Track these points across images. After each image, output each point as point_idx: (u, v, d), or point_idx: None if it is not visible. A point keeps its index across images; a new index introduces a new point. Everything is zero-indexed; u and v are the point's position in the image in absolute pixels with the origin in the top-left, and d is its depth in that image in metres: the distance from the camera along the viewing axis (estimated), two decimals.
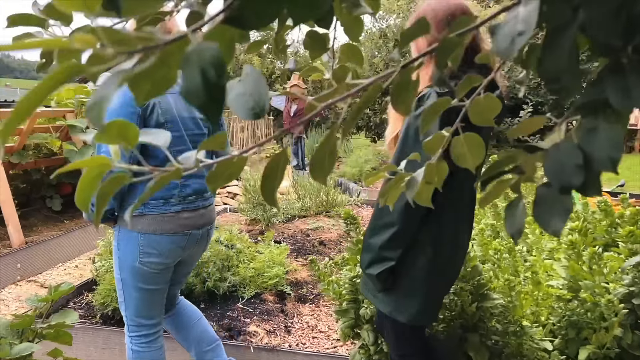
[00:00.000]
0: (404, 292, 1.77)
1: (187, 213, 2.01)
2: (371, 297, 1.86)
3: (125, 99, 1.81)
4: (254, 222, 5.48)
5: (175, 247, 2.01)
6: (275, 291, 3.58)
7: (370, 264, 1.71)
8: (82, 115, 5.47)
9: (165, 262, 2.02)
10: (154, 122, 1.88)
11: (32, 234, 4.73)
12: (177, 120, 1.94)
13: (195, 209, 2.03)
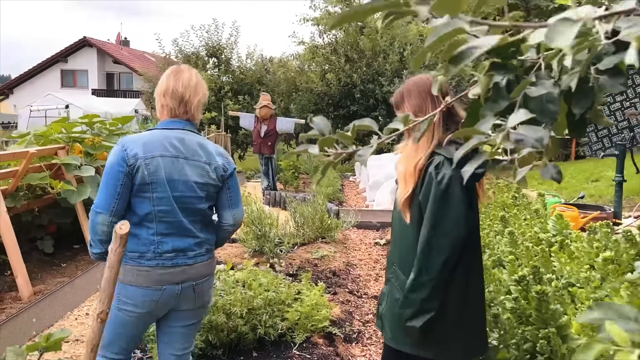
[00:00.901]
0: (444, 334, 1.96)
1: (162, 269, 2.09)
2: (408, 347, 2.01)
3: (116, 159, 2.04)
4: (258, 254, 5.43)
5: (149, 300, 2.09)
6: (323, 333, 3.59)
7: (412, 317, 1.89)
8: (74, 151, 5.21)
9: (140, 312, 2.12)
10: (139, 181, 2.04)
11: (35, 283, 4.43)
12: (163, 182, 2.07)
13: (173, 266, 2.11)
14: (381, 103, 14.52)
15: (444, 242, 1.86)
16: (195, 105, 2.20)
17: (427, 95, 2.00)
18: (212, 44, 17.14)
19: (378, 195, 8.43)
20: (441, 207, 1.84)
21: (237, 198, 2.31)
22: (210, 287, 2.33)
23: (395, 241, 2.14)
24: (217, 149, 2.29)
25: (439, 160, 1.87)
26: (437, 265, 1.86)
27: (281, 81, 16.53)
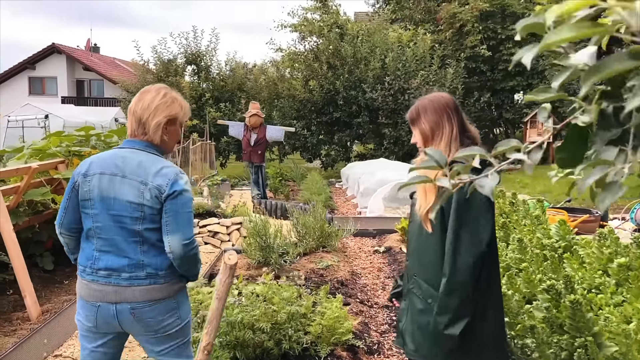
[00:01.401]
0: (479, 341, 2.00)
1: (96, 285, 2.12)
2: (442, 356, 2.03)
3: (75, 171, 2.19)
4: (262, 265, 5.39)
5: (89, 314, 2.16)
6: (345, 346, 3.58)
7: (449, 325, 1.92)
8: (73, 165, 5.10)
9: (87, 324, 2.18)
10: (80, 197, 2.15)
11: (41, 302, 4.29)
12: (99, 199, 2.12)
13: (105, 284, 2.11)
14: (364, 109, 14.62)
15: (470, 246, 1.93)
16: (152, 127, 2.16)
17: (442, 112, 2.08)
18: (191, 51, 16.99)
19: (371, 203, 8.48)
20: (465, 212, 1.92)
21: (173, 224, 2.10)
22: (160, 315, 2.16)
23: (414, 253, 2.18)
24: (162, 169, 2.13)
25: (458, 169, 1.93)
26: (467, 269, 1.92)
27: (263, 88, 16.48)
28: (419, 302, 2.09)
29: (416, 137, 2.16)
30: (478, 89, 16.04)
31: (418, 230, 2.12)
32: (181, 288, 2.22)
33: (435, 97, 2.14)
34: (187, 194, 2.15)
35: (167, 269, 2.15)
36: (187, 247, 2.08)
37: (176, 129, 2.26)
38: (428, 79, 14.18)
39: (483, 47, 14.97)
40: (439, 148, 2.04)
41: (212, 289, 3.87)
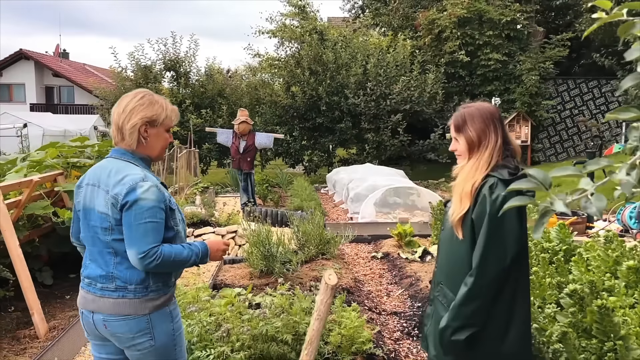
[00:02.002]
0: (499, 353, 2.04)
1: (83, 292, 2.17)
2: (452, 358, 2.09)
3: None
4: (265, 274, 5.36)
5: (81, 319, 2.22)
6: (364, 355, 3.59)
7: (457, 331, 1.97)
8: (71, 177, 5.00)
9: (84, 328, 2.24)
10: (76, 207, 2.21)
11: (47, 319, 4.19)
12: (82, 210, 2.17)
13: (87, 292, 2.14)
14: (346, 115, 14.68)
15: (497, 259, 1.96)
16: (128, 130, 2.12)
17: (490, 122, 2.11)
18: (169, 57, 16.80)
19: (363, 208, 8.52)
20: (495, 226, 1.94)
21: (128, 237, 2.03)
22: (130, 332, 2.10)
23: (442, 261, 2.22)
24: (124, 177, 2.07)
25: (492, 181, 1.99)
26: (488, 283, 1.96)
27: (244, 94, 16.41)
28: (443, 309, 2.12)
29: (459, 145, 2.18)
30: (457, 94, 16.29)
31: (448, 239, 2.15)
32: (156, 307, 2.12)
33: (482, 105, 2.17)
34: (144, 203, 2.03)
35: (138, 284, 2.08)
36: (144, 261, 1.99)
37: (159, 132, 2.18)
38: (409, 84, 14.34)
39: (461, 53, 15.22)
40: (482, 157, 2.08)
41: (221, 300, 3.83)
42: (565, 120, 16.07)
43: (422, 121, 15.00)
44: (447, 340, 1.99)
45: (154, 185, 2.08)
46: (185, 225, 2.33)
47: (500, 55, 15.33)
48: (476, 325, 1.95)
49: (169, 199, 2.16)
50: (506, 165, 2.04)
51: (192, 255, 2.14)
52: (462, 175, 2.10)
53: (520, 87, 15.34)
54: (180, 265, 2.17)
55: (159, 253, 2.03)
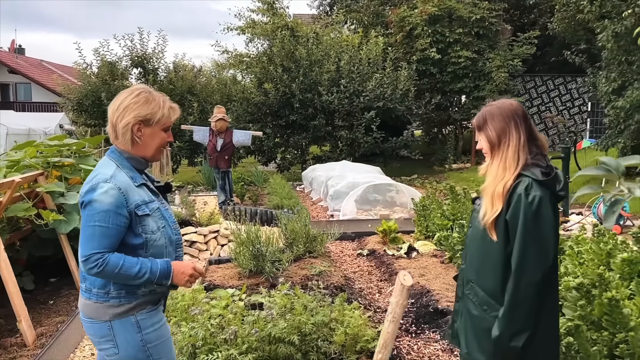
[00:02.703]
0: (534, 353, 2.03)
1: None
2: None
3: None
4: (254, 274, 5.27)
5: None
6: (368, 353, 3.56)
7: (512, 338, 1.95)
8: (51, 177, 4.79)
9: None
10: None
11: (33, 326, 4.00)
12: None
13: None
14: (320, 112, 14.63)
15: (537, 260, 1.97)
16: (121, 129, 2.07)
17: (510, 120, 2.10)
18: (136, 53, 16.37)
19: (344, 206, 8.50)
20: (533, 226, 1.94)
21: (80, 237, 2.00)
22: (96, 336, 2.08)
23: (472, 259, 2.20)
24: (95, 176, 2.03)
25: (528, 181, 1.98)
26: (533, 285, 1.95)
27: (214, 91, 16.14)
28: (474, 307, 2.12)
29: (482, 143, 2.18)
30: (429, 91, 16.46)
31: (479, 237, 2.13)
32: (117, 315, 2.03)
33: (503, 103, 2.15)
34: (97, 205, 1.95)
35: (99, 288, 2.03)
36: (85, 265, 1.94)
37: (154, 132, 2.10)
38: (382, 81, 14.40)
39: (432, 50, 15.37)
40: (506, 156, 2.06)
41: (220, 301, 3.74)
42: (533, 116, 16.45)
43: (394, 118, 15.08)
44: (504, 349, 1.96)
45: (116, 188, 1.99)
46: (173, 231, 2.19)
47: (470, 52, 15.56)
48: (528, 328, 1.94)
49: (139, 204, 2.04)
50: (537, 164, 2.03)
51: (145, 272, 2.00)
52: (491, 176, 2.08)
53: (489, 84, 15.61)
54: (126, 279, 2.00)
55: (102, 261, 1.93)
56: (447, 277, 5.22)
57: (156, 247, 2.09)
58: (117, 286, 2.02)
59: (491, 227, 2.02)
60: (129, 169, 2.08)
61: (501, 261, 2.02)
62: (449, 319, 4.24)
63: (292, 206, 8.64)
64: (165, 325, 2.22)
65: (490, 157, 2.12)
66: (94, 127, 16.11)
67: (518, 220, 1.95)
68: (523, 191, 1.96)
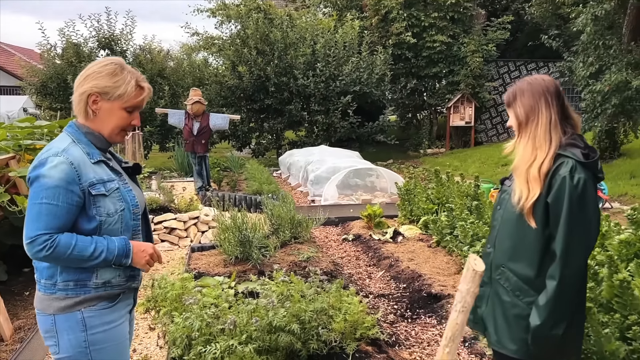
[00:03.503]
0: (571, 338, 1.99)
1: None
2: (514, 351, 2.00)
3: None
4: (240, 261, 5.10)
5: None
6: (368, 340, 3.46)
7: (554, 327, 1.88)
8: (24, 161, 4.51)
9: None
10: None
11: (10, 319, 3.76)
12: None
13: None
14: (295, 96, 14.40)
15: (582, 246, 1.89)
16: (75, 98, 1.89)
17: (540, 97, 2.00)
18: (104, 34, 15.77)
19: (326, 191, 8.37)
20: (579, 210, 1.86)
21: (25, 218, 1.78)
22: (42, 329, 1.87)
23: (503, 242, 2.10)
24: (46, 150, 1.82)
25: (571, 163, 1.89)
26: (579, 272, 1.90)
27: (186, 74, 15.71)
28: (505, 293, 2.02)
29: (511, 121, 2.07)
30: (404, 76, 16.40)
31: (513, 221, 2.03)
32: (61, 309, 1.80)
33: (535, 80, 2.04)
34: (45, 181, 1.72)
35: (47, 278, 1.81)
36: (31, 248, 1.71)
37: (112, 108, 1.88)
38: (358, 65, 14.26)
39: (408, 34, 15.29)
40: (535, 135, 1.96)
41: (212, 290, 3.57)
42: None
43: (370, 103, 14.98)
44: (544, 338, 1.87)
45: (67, 162, 1.76)
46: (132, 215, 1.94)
47: (445, 37, 15.54)
48: (570, 315, 1.87)
49: (94, 182, 1.81)
50: (575, 145, 1.93)
51: (102, 252, 1.78)
52: (520, 155, 1.98)
53: (464, 69, 15.64)
54: (80, 262, 1.77)
55: (51, 242, 1.71)
56: (437, 261, 5.16)
57: (110, 232, 1.85)
58: (64, 276, 1.79)
59: (529, 213, 1.91)
60: (86, 144, 1.86)
61: (539, 246, 1.92)
62: (444, 304, 4.18)
63: (272, 192, 8.46)
64: (122, 327, 1.95)
65: (518, 136, 2.02)
66: (60, 110, 15.51)
67: (562, 204, 1.84)
68: (568, 174, 1.85)
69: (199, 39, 19.12)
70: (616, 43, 8.49)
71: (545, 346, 1.92)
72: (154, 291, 3.64)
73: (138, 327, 3.96)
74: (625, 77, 7.82)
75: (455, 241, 5.17)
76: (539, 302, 1.90)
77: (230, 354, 2.83)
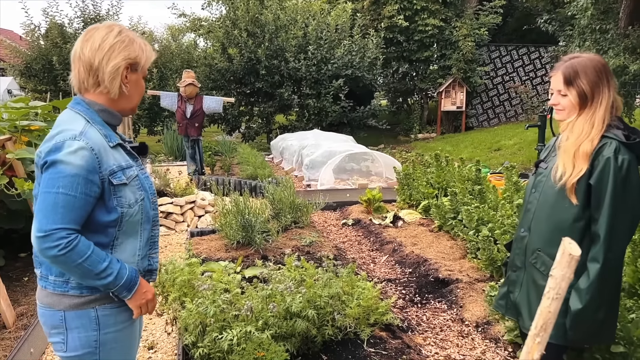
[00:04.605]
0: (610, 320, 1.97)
1: None
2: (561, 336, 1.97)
3: None
4: (242, 246, 5.01)
5: None
6: (382, 325, 3.41)
7: (599, 308, 1.86)
8: (21, 143, 4.36)
9: None
10: None
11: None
12: None
13: None
14: (287, 79, 14.21)
15: (626, 228, 1.86)
16: (109, 73, 1.67)
17: (603, 75, 1.98)
18: (89, 15, 15.38)
19: (322, 175, 8.28)
20: (622, 192, 1.83)
21: (36, 207, 1.59)
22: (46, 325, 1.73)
23: (539, 226, 2.06)
24: (60, 132, 1.62)
25: (615, 144, 1.87)
26: (621, 253, 1.90)
27: (175, 56, 15.41)
28: (542, 277, 1.98)
29: (564, 99, 1.98)
30: (395, 60, 16.28)
31: (551, 203, 1.98)
32: (74, 306, 1.66)
33: (593, 57, 1.98)
34: (63, 167, 1.55)
35: (59, 275, 1.66)
36: (42, 243, 1.53)
37: (138, 79, 1.76)
38: (351, 48, 14.10)
39: (400, 18, 15.14)
40: (597, 114, 1.91)
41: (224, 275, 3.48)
42: (497, 86, 16.60)
43: (361, 87, 14.85)
44: (586, 322, 1.83)
45: (88, 149, 1.58)
46: (151, 205, 1.82)
47: (437, 21, 15.42)
48: (611, 299, 1.85)
49: (115, 170, 1.65)
50: (617, 126, 1.90)
51: (111, 273, 1.62)
52: (575, 133, 1.92)
53: (456, 53, 15.57)
54: (85, 275, 1.60)
55: (67, 242, 1.54)
56: (440, 246, 5.13)
57: (131, 225, 1.71)
58: None
59: (571, 190, 1.86)
60: (101, 124, 1.68)
61: (578, 229, 1.87)
62: (452, 289, 4.14)
63: (267, 176, 8.35)
64: (134, 325, 1.84)
65: (576, 114, 1.96)
66: (45, 92, 15.14)
67: (606, 185, 1.80)
68: (612, 154, 1.81)
69: (186, 20, 18.83)
70: (613, 27, 8.48)
71: (584, 330, 1.88)
72: (160, 276, 3.54)
73: None
74: (622, 62, 7.82)
75: (460, 225, 5.13)
76: (580, 286, 1.86)
77: (247, 340, 2.76)
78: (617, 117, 1.94)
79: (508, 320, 3.23)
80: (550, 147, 2.16)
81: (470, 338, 3.44)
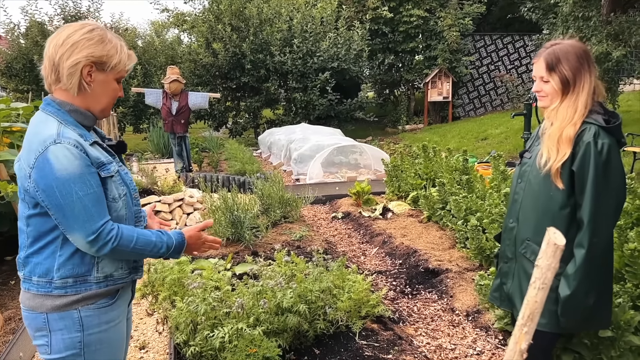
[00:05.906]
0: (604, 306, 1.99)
1: None
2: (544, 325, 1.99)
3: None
4: (232, 242, 5.00)
5: None
6: (373, 318, 3.42)
7: (588, 293, 1.88)
8: (3, 144, 4.29)
9: None
10: None
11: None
12: None
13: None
14: (272, 73, 14.15)
15: (610, 212, 1.87)
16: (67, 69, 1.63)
17: (584, 60, 1.98)
18: (69, 12, 15.16)
19: (310, 169, 8.27)
20: (603, 177, 1.85)
21: (66, 221, 1.58)
22: (31, 328, 1.71)
23: (527, 215, 2.07)
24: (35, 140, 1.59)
25: (594, 129, 1.88)
26: (606, 237, 1.91)
27: (158, 52, 15.26)
28: (532, 266, 1.99)
29: (546, 85, 1.98)
30: (381, 51, 16.26)
31: (536, 192, 2.00)
32: (58, 307, 1.64)
33: (574, 43, 1.98)
34: (60, 175, 1.54)
35: (42, 275, 1.64)
36: (95, 244, 1.58)
37: (107, 80, 1.68)
38: (336, 41, 14.06)
39: (384, 9, 15.12)
40: (579, 100, 1.91)
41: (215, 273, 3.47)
42: (483, 75, 16.66)
43: (348, 80, 14.83)
44: (574, 308, 1.85)
45: (70, 146, 1.57)
46: (133, 200, 1.80)
47: (422, 11, 15.42)
48: (600, 283, 1.86)
49: (101, 164, 1.64)
50: (596, 111, 1.91)
51: (162, 244, 1.71)
52: (559, 119, 1.92)
53: (441, 43, 15.59)
54: (142, 254, 1.69)
55: (116, 231, 1.60)
56: (429, 236, 5.15)
57: (116, 220, 1.68)
58: (61, 272, 1.62)
59: (556, 175, 1.87)
60: (73, 124, 1.64)
61: (564, 216, 1.88)
62: (442, 279, 4.16)
63: (255, 171, 8.33)
64: (120, 326, 1.81)
65: (557, 100, 1.95)
66: (27, 92, 14.94)
67: (587, 170, 1.81)
68: (591, 139, 1.82)
69: (169, 15, 18.64)
70: (595, 14, 8.53)
71: (575, 316, 1.90)
72: (150, 276, 3.52)
73: (133, 313, 3.83)
74: (605, 49, 7.88)
75: (449, 216, 5.16)
76: (568, 272, 1.87)
77: (239, 337, 2.75)
78: (598, 102, 1.96)
79: (498, 308, 3.26)
80: (534, 137, 2.17)
81: (461, 327, 3.46)
